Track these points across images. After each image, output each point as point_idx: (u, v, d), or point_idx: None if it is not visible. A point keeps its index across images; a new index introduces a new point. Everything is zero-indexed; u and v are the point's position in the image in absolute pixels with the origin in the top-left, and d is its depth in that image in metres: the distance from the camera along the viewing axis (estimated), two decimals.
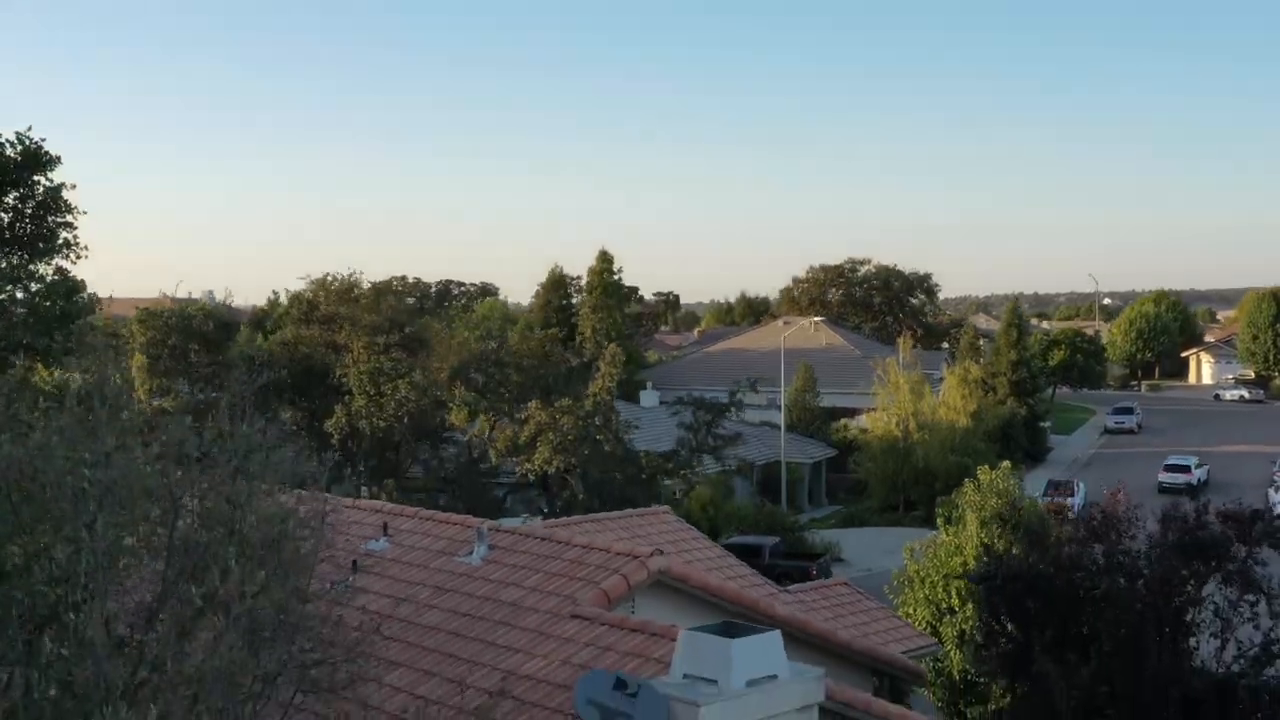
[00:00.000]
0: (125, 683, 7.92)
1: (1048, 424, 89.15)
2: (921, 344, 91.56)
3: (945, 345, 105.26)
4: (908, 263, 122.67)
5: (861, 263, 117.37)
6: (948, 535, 33.42)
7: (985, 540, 18.28)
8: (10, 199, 17.53)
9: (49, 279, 17.30)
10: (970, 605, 31.65)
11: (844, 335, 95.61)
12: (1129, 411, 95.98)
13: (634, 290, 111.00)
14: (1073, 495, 54.46)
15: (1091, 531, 18.16)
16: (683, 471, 39.85)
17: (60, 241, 17.31)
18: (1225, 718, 17.04)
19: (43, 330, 14.30)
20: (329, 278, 50.15)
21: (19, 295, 14.51)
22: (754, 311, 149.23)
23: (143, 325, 48.05)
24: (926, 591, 32.49)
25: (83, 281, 17.90)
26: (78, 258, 16.43)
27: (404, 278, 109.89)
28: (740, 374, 55.34)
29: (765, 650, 12.40)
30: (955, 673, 31.49)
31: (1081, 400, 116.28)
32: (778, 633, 12.61)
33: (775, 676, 12.39)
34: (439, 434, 40.42)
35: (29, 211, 17.12)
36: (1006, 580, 18.07)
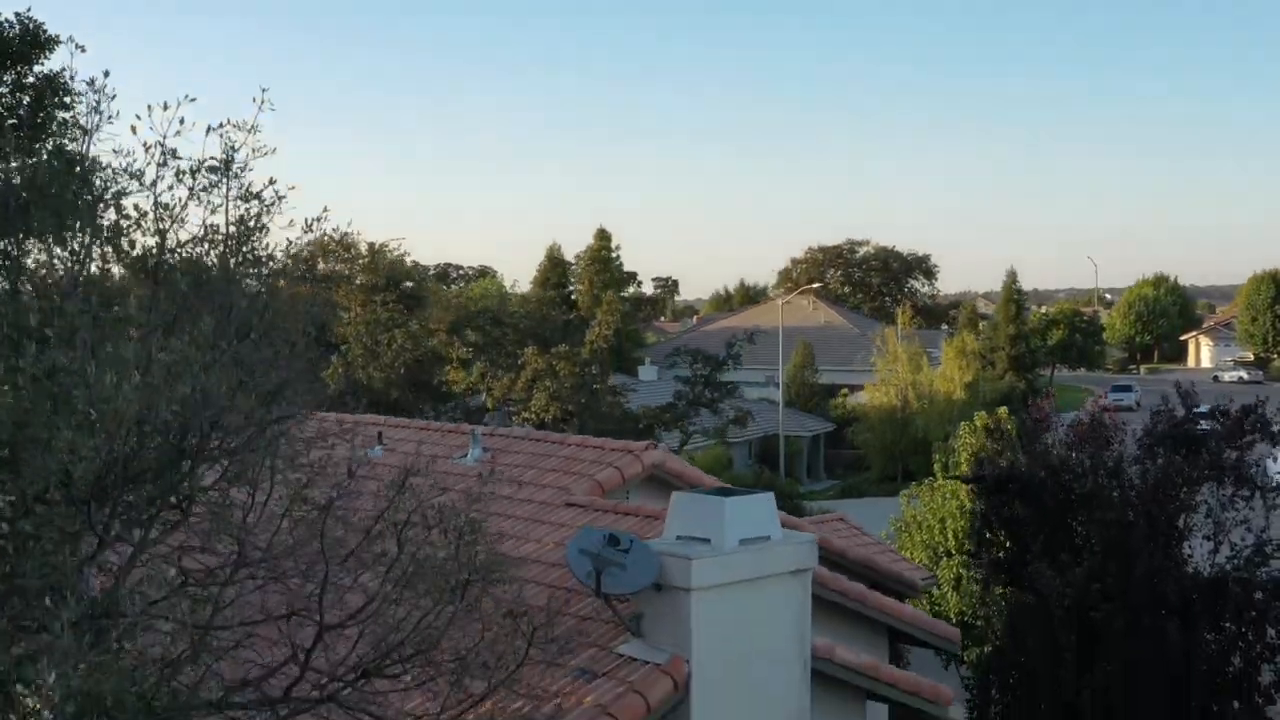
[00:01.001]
0: None
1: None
2: (920, 322, 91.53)
3: (945, 326, 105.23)
4: (907, 246, 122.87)
5: (860, 244, 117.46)
6: (943, 479, 33.42)
7: (976, 447, 18.26)
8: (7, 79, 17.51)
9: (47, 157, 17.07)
10: (969, 545, 31.74)
11: (842, 313, 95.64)
12: (1127, 389, 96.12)
13: (633, 275, 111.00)
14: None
15: (1080, 437, 18.15)
16: (680, 423, 39.82)
17: (59, 122, 17.24)
18: (1217, 614, 17.07)
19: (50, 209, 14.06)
20: (326, 236, 50.14)
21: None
22: (752, 299, 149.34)
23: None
24: (924, 536, 32.50)
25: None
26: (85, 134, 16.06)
27: (402, 240, 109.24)
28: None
29: (758, 511, 12.43)
30: (952, 615, 31.56)
31: (1079, 381, 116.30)
32: (770, 495, 12.64)
33: (768, 538, 12.43)
34: (439, 390, 40.44)
35: (26, 93, 17.08)
36: (996, 482, 18.08)
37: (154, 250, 8.88)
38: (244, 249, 9.20)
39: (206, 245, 9.12)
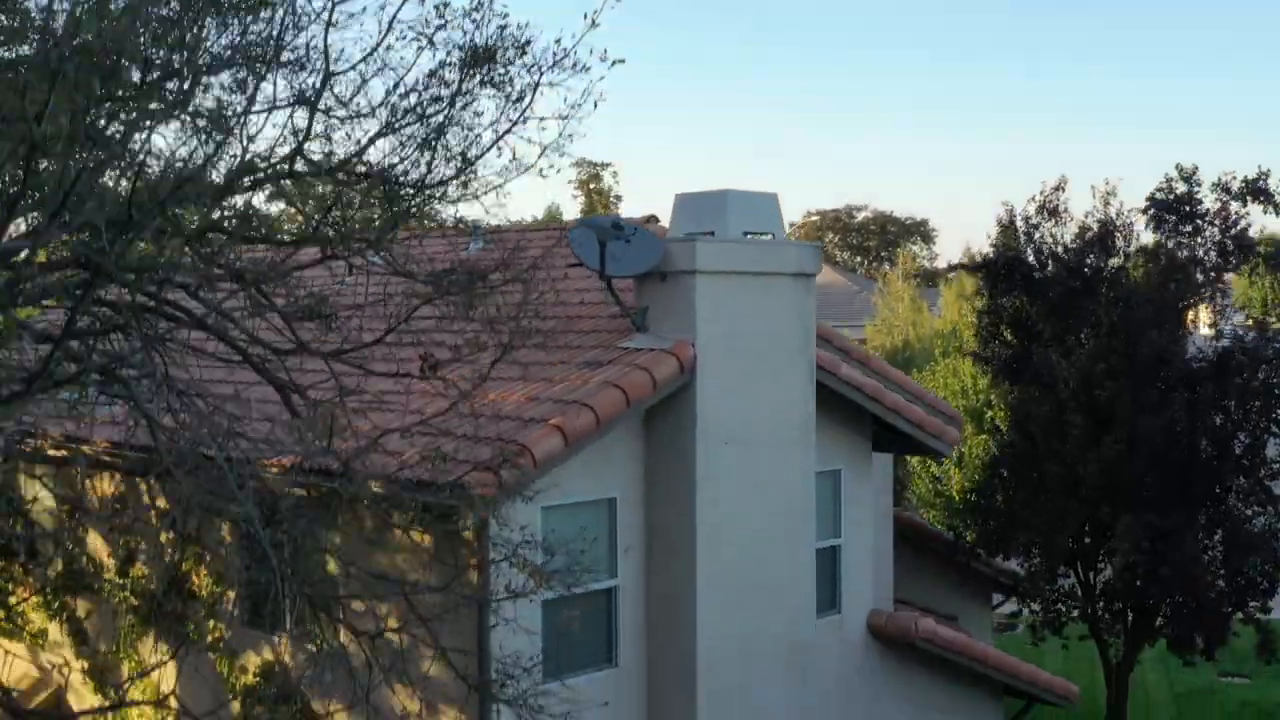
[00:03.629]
0: None
1: None
2: (920, 282, 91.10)
3: (949, 272, 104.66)
4: (906, 211, 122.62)
5: (859, 208, 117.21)
6: (943, 360, 33.41)
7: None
8: None
9: None
10: (969, 425, 31.69)
11: (841, 272, 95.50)
12: None
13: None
14: None
15: (1088, 242, 18.03)
16: None
17: None
18: (1223, 386, 16.99)
19: None
20: None
21: None
22: None
23: None
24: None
25: None
26: None
27: None
28: None
29: (762, 207, 12.39)
30: (955, 494, 31.50)
31: None
32: (775, 195, 12.58)
33: (771, 235, 12.37)
34: None
35: None
36: (1004, 265, 17.94)
37: None
38: None
39: None
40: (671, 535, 11.85)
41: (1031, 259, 18.03)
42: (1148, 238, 18.27)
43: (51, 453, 14.92)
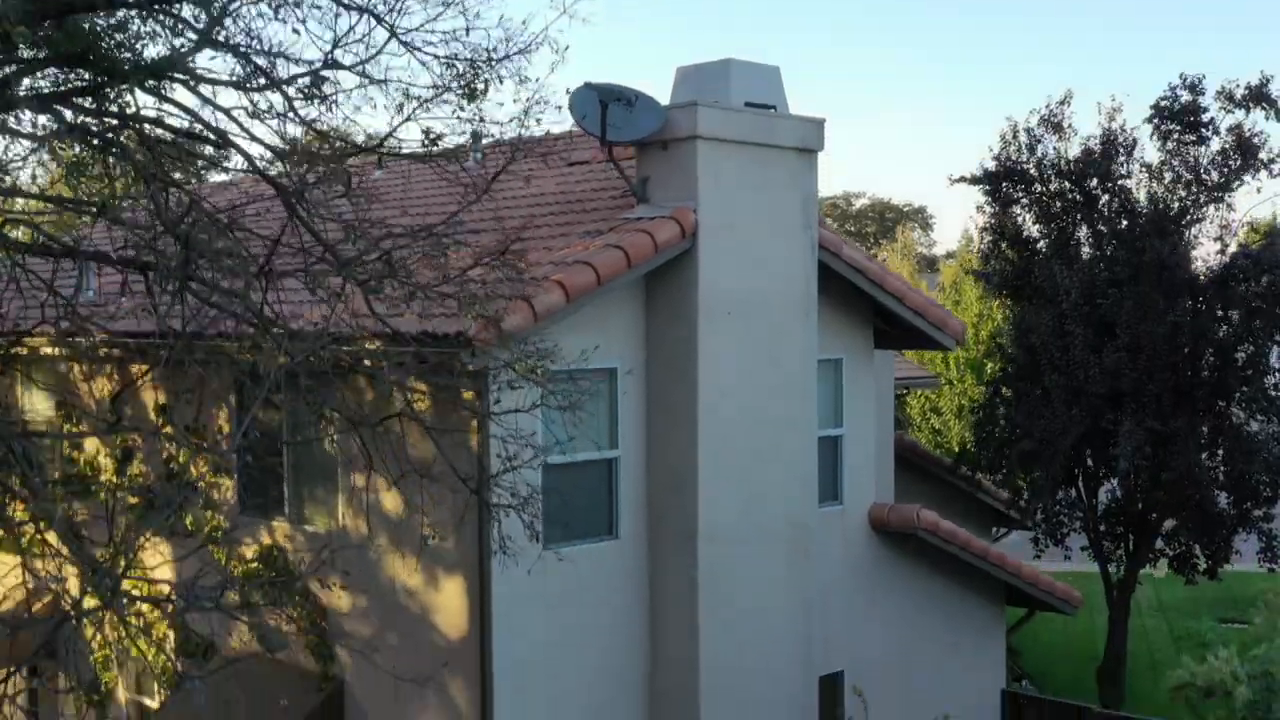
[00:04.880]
0: None
1: None
2: (918, 265, 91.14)
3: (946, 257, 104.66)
4: (904, 198, 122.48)
5: (857, 195, 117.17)
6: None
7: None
8: None
9: None
10: (969, 377, 31.64)
11: None
12: None
13: None
14: None
15: (1091, 160, 17.91)
16: None
17: None
18: (1227, 298, 16.92)
19: None
20: None
21: None
22: None
23: None
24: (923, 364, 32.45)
25: None
26: None
27: None
28: None
29: (765, 79, 12.30)
30: (954, 444, 31.45)
31: None
32: (778, 68, 12.49)
33: (774, 108, 12.28)
34: None
35: None
36: (1003, 172, 17.83)
37: None
38: None
39: None
40: (673, 406, 11.76)
41: (1033, 171, 17.92)
42: (1153, 154, 18.22)
43: (47, 351, 14.87)
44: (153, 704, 14.74)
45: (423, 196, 15.64)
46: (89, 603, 15.49)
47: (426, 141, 9.38)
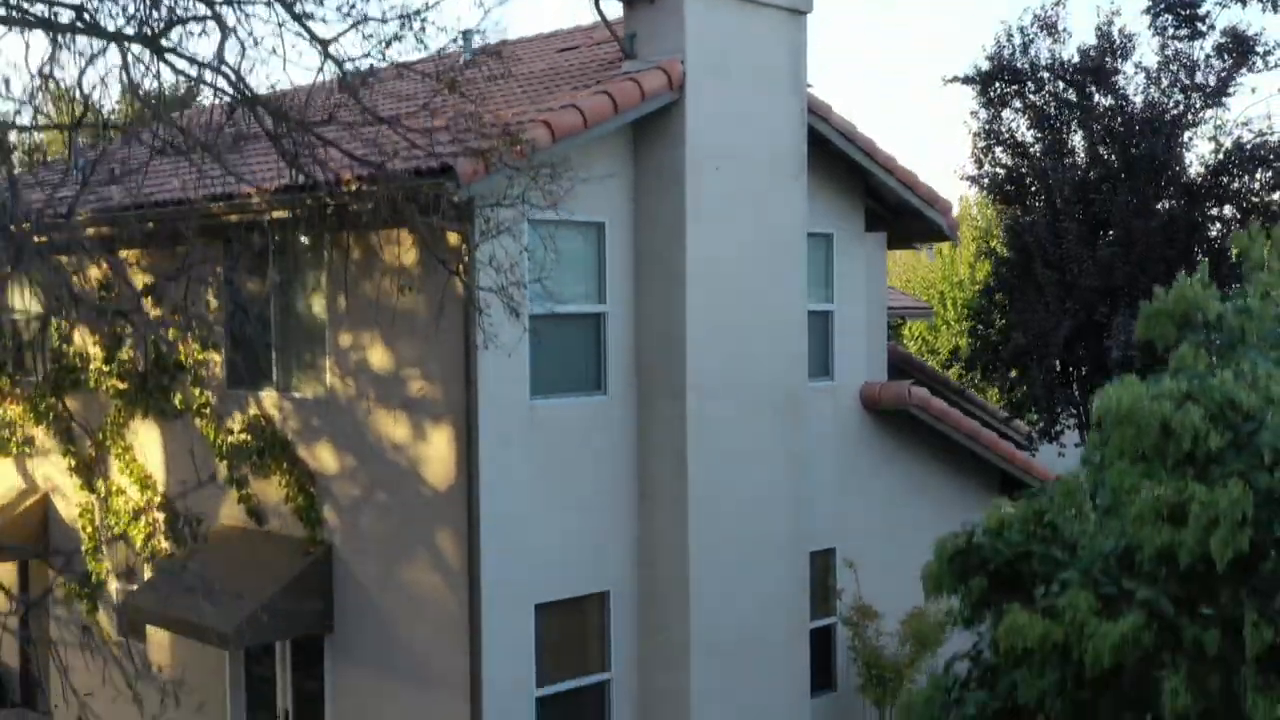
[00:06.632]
0: None
1: None
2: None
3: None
4: None
5: None
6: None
7: None
8: None
9: None
10: (963, 320, 31.62)
11: None
12: None
13: None
14: None
15: (1084, 66, 17.77)
16: None
17: None
18: (1220, 195, 16.87)
19: None
20: None
21: None
22: None
23: None
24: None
25: None
26: None
27: None
28: None
29: None
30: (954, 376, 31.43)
31: None
32: None
33: None
34: None
35: None
36: (997, 77, 17.74)
37: None
38: None
39: None
40: (661, 262, 11.71)
41: (1027, 70, 17.83)
42: (1150, 60, 18.14)
43: (38, 239, 14.77)
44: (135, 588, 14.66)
45: (411, 95, 15.59)
46: (79, 498, 15.52)
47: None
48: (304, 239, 11.95)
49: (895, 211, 14.39)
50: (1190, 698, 5.00)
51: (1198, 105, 17.27)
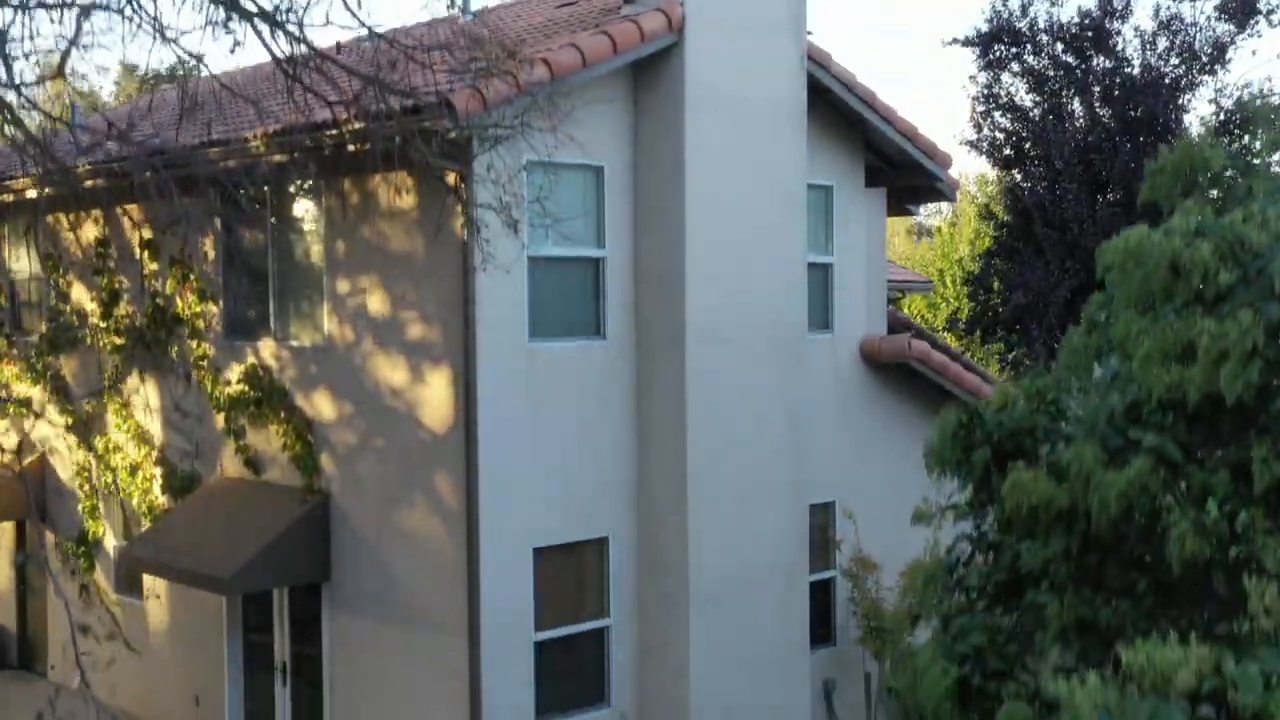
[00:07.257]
0: None
1: None
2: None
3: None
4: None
5: None
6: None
7: None
8: None
9: None
10: (964, 293, 31.56)
11: None
12: None
13: None
14: None
15: (1084, 30, 17.75)
16: None
17: None
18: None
19: None
20: None
21: None
22: None
23: None
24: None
25: None
26: None
27: None
28: None
29: None
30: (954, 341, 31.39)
31: None
32: None
33: None
34: None
35: None
36: (996, 39, 17.70)
37: None
38: None
39: None
40: (660, 207, 11.65)
41: (1026, 32, 17.79)
42: (1148, 24, 18.09)
43: (30, 194, 14.73)
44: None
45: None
46: (76, 457, 15.46)
47: None
48: (302, 183, 11.89)
49: (895, 166, 14.33)
50: (1198, 544, 4.95)
51: (1195, 71, 17.23)
